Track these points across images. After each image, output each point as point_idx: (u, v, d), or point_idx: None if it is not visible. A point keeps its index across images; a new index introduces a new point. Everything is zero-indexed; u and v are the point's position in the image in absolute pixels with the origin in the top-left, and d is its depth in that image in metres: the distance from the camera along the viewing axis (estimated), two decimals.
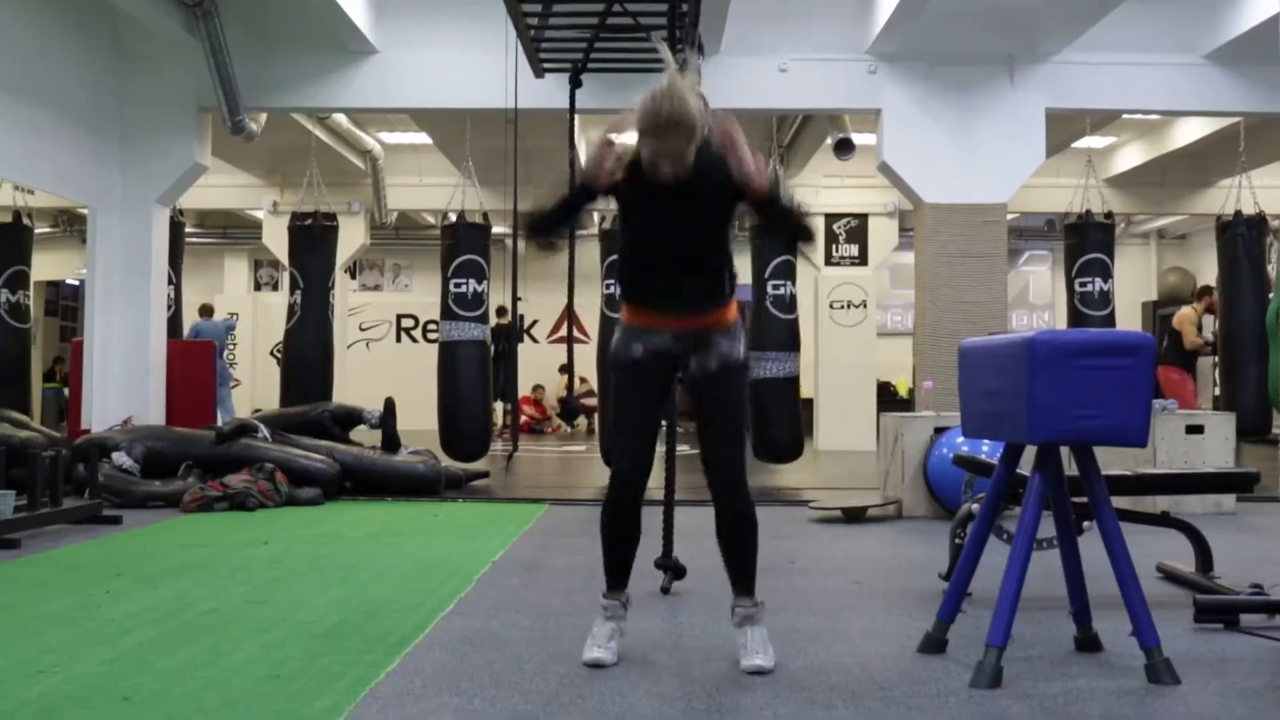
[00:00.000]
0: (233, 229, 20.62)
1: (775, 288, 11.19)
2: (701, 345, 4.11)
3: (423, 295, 20.82)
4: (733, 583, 4.17)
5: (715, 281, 4.12)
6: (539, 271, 20.43)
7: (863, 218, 16.72)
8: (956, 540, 5.53)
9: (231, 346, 15.77)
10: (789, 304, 11.22)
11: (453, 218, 11.45)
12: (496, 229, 13.01)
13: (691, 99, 3.84)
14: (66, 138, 10.00)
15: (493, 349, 15.05)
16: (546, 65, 9.52)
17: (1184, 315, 12.22)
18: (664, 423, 4.46)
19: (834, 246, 16.68)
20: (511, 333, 10.66)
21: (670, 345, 4.13)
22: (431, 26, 10.78)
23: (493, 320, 12.45)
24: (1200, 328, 12.23)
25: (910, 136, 10.78)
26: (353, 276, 20.92)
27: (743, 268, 11.70)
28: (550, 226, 4.23)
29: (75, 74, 10.18)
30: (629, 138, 3.98)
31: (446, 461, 10.62)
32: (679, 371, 4.21)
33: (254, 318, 20.22)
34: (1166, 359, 12.22)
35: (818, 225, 4.10)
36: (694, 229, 4.06)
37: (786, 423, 11.13)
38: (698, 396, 4.18)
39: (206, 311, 15.66)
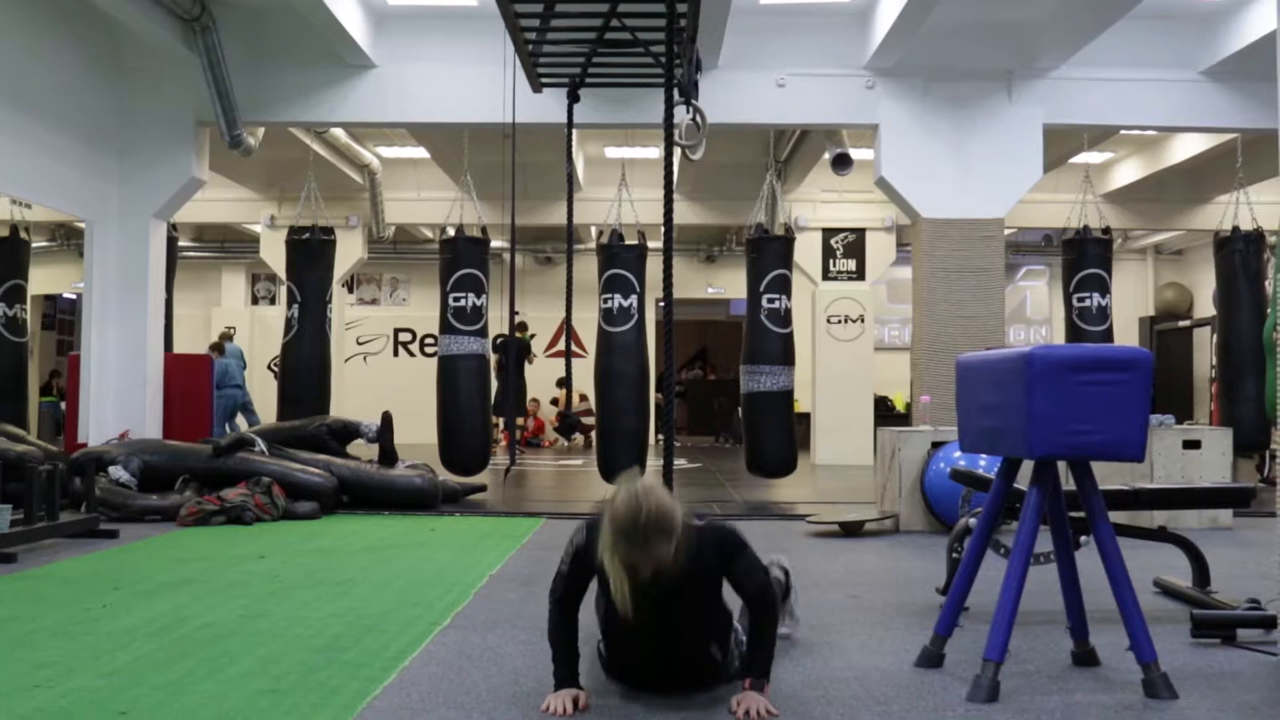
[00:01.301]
0: (230, 243, 20.63)
1: (770, 301, 11.19)
2: None
3: (420, 309, 20.83)
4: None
5: (706, 663, 3.84)
6: (537, 286, 20.46)
7: (860, 232, 16.75)
8: (954, 554, 5.53)
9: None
10: (784, 318, 11.22)
11: (451, 232, 11.46)
12: (495, 243, 13.03)
13: (668, 497, 3.53)
14: (64, 152, 10.01)
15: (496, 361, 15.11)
16: (544, 80, 9.53)
17: None
18: (659, 436, 4.44)
19: (831, 261, 16.71)
20: (509, 346, 10.62)
21: None
22: (429, 41, 10.81)
23: (494, 334, 12.47)
24: None
25: (908, 151, 10.81)
26: (350, 290, 20.93)
27: (741, 281, 11.79)
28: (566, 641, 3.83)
29: (74, 88, 10.20)
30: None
31: (444, 475, 10.61)
32: None
33: (251, 331, 20.21)
34: None
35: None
36: (677, 624, 3.73)
37: (780, 437, 11.13)
38: None
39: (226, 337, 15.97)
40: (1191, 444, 8.87)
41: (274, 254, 15.97)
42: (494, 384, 12.27)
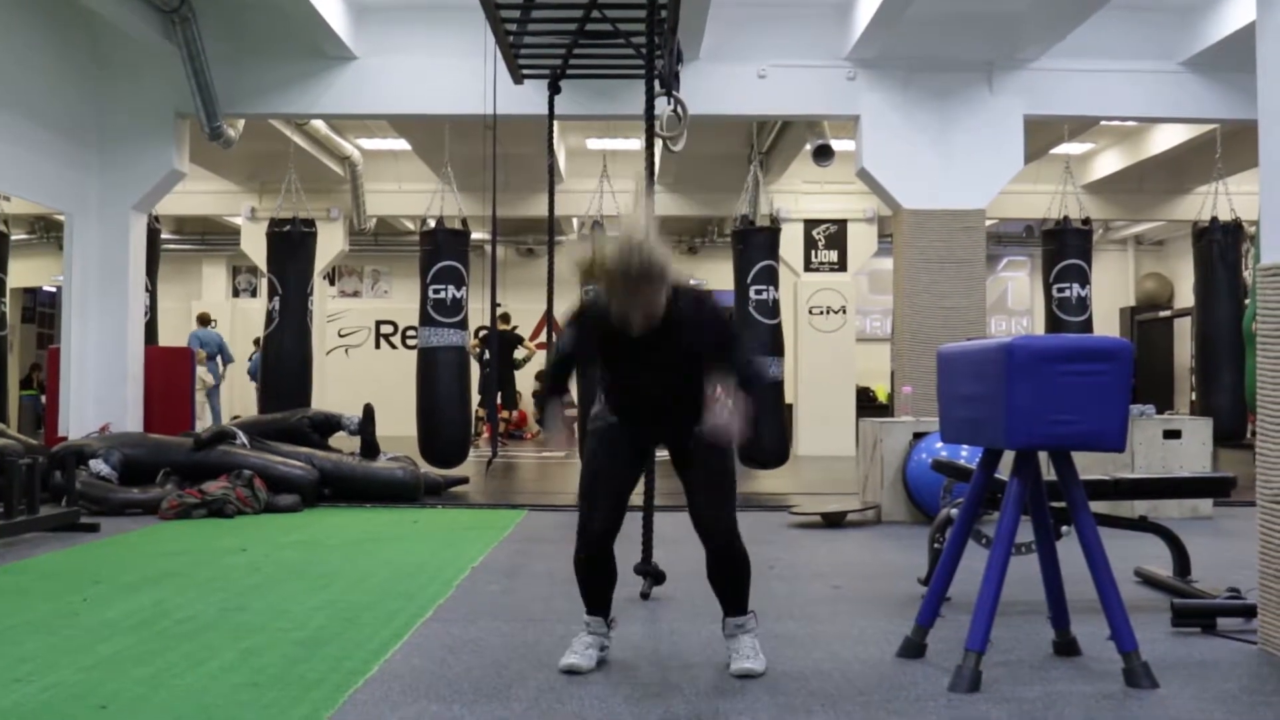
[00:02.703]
0: (211, 235, 20.54)
1: (758, 292, 11.19)
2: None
3: (402, 301, 20.78)
4: (724, 607, 4.17)
5: (696, 406, 4.04)
6: (518, 278, 20.44)
7: (842, 223, 16.76)
8: (935, 545, 5.55)
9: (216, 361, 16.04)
10: (772, 309, 11.21)
11: (432, 224, 11.43)
12: (475, 235, 12.99)
13: (659, 246, 3.77)
14: (43, 144, 9.94)
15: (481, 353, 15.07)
16: (525, 71, 9.50)
17: None
18: None
19: (813, 252, 16.72)
20: (491, 339, 10.61)
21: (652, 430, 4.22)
22: (410, 33, 10.75)
23: (475, 326, 12.43)
24: None
25: (889, 143, 10.81)
26: (331, 283, 20.86)
27: (724, 273, 11.77)
28: (557, 386, 4.25)
29: (53, 80, 10.12)
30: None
31: (426, 468, 10.59)
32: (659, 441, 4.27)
33: (232, 324, 20.13)
34: None
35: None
36: (670, 373, 4.04)
37: (771, 428, 11.09)
38: (683, 453, 4.16)
39: (204, 320, 15.96)
40: (1172, 434, 8.92)
41: (255, 246, 15.91)
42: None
